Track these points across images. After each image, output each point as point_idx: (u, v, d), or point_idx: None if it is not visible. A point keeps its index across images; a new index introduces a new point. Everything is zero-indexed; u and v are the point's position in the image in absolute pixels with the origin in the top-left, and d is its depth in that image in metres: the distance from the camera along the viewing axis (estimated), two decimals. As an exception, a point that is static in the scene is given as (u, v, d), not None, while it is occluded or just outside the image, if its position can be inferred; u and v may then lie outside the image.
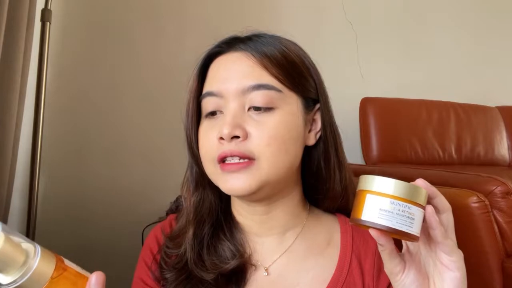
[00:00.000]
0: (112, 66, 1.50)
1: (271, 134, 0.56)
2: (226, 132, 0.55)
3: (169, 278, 0.61)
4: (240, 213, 0.65)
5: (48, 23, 1.24)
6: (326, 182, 0.64)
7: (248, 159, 0.56)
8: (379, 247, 0.50)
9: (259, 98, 0.57)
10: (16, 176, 1.12)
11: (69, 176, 1.42)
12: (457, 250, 0.48)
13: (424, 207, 0.46)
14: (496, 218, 0.99)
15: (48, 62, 1.24)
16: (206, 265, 0.60)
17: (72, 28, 1.43)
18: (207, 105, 0.60)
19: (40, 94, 1.22)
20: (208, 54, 0.64)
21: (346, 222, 0.67)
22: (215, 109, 0.60)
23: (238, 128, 0.56)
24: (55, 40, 1.34)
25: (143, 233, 1.25)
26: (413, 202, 0.45)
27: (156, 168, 1.53)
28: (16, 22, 1.01)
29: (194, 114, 0.63)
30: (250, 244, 0.64)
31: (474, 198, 0.97)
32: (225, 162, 0.57)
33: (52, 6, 1.25)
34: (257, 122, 0.57)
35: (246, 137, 0.56)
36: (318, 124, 0.64)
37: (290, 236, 0.64)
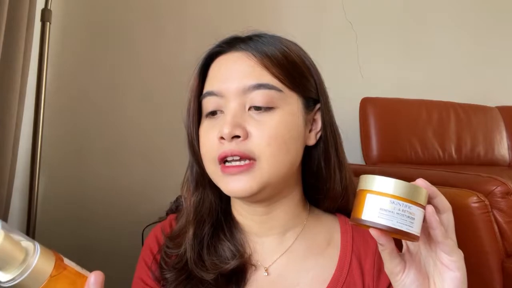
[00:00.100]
0: (112, 66, 1.50)
1: (272, 134, 0.56)
2: (226, 131, 0.55)
3: (169, 278, 0.61)
4: (240, 213, 0.65)
5: (48, 23, 1.24)
6: (326, 182, 0.64)
7: (248, 159, 0.56)
8: (379, 247, 0.50)
9: (260, 98, 0.57)
10: (16, 176, 1.12)
11: (69, 176, 1.42)
12: (457, 250, 0.48)
13: (424, 207, 0.46)
14: (496, 218, 0.99)
15: (48, 62, 1.24)
16: (206, 265, 0.60)
17: (72, 28, 1.43)
18: (208, 104, 0.60)
19: (40, 94, 1.22)
20: (209, 53, 0.64)
21: (346, 222, 0.67)
22: (216, 108, 0.60)
23: (239, 127, 0.56)
24: (55, 40, 1.34)
25: (143, 233, 1.25)
26: (413, 202, 0.45)
27: (156, 168, 1.53)
28: (16, 22, 1.01)
29: (195, 114, 0.63)
30: (250, 244, 0.64)
31: (474, 198, 0.97)
32: (226, 163, 0.57)
33: (52, 6, 1.25)
34: (257, 122, 0.57)
35: (247, 136, 0.56)
36: (319, 124, 0.64)
37: (290, 236, 0.64)
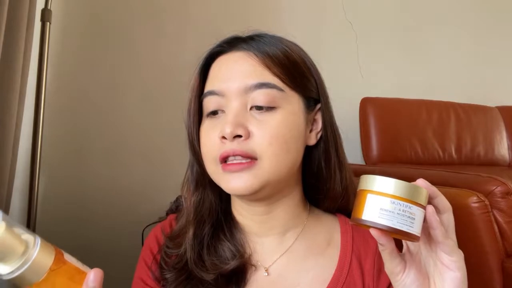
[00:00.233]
0: (112, 66, 1.50)
1: (273, 133, 0.56)
2: (228, 131, 0.55)
3: (169, 278, 0.61)
4: (240, 213, 0.65)
5: (48, 23, 1.24)
6: (326, 182, 0.64)
7: (250, 159, 0.56)
8: (380, 247, 0.50)
9: (261, 97, 0.57)
10: (16, 176, 1.12)
11: (69, 176, 1.42)
12: (457, 250, 0.48)
13: (424, 207, 0.46)
14: (496, 218, 0.99)
15: (48, 62, 1.24)
16: (206, 265, 0.60)
17: (72, 28, 1.43)
18: (209, 104, 0.60)
19: (40, 94, 1.22)
20: (209, 53, 0.64)
21: (346, 222, 0.67)
22: (217, 108, 0.59)
23: (240, 127, 0.56)
24: (55, 40, 1.34)
25: (143, 233, 1.25)
26: (413, 202, 0.45)
27: (156, 168, 1.53)
28: (16, 22, 1.01)
29: (196, 113, 0.63)
30: (250, 244, 0.64)
31: (474, 198, 0.97)
32: (227, 162, 0.57)
33: (52, 6, 1.25)
34: (259, 122, 0.57)
35: (248, 136, 0.56)
36: (319, 124, 0.64)
37: (291, 236, 0.64)
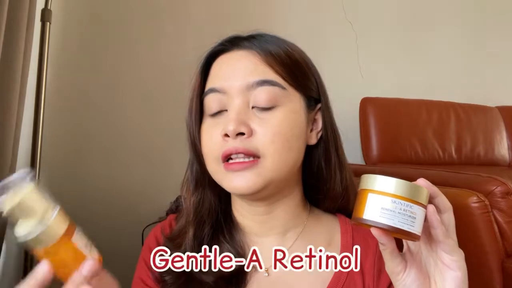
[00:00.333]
0: (112, 66, 1.50)
1: (275, 131, 0.56)
2: (231, 128, 0.55)
3: (168, 280, 0.61)
4: (240, 213, 0.65)
5: (48, 23, 1.24)
6: (326, 182, 0.64)
7: (252, 157, 0.56)
8: (381, 246, 0.50)
9: (263, 95, 0.57)
10: (16, 176, 1.12)
11: (69, 176, 1.42)
12: (458, 250, 0.48)
13: (425, 206, 0.46)
14: (496, 218, 0.99)
15: (48, 62, 1.24)
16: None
17: (72, 28, 1.43)
18: (210, 102, 0.60)
19: (40, 94, 1.22)
20: (211, 52, 0.64)
21: (346, 222, 0.67)
22: (219, 106, 0.59)
23: (243, 125, 0.56)
24: (55, 40, 1.34)
25: (143, 233, 1.25)
26: (414, 201, 0.45)
27: (156, 168, 1.53)
28: (16, 22, 1.01)
29: (197, 112, 0.63)
30: (250, 244, 0.64)
31: (474, 198, 0.97)
32: (229, 161, 0.57)
33: (52, 6, 1.25)
34: (261, 120, 0.57)
35: (251, 134, 0.56)
36: (319, 124, 0.64)
37: (291, 236, 0.64)
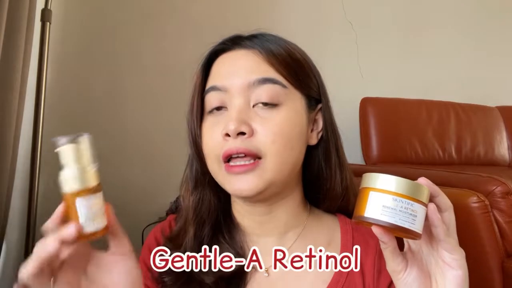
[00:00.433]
0: (112, 66, 1.50)
1: (277, 131, 0.56)
2: (232, 128, 0.55)
3: (167, 281, 0.60)
4: (240, 213, 0.65)
5: (48, 23, 1.24)
6: (327, 182, 0.64)
7: (253, 158, 0.56)
8: (382, 245, 0.50)
9: (265, 93, 0.57)
10: (16, 176, 1.12)
11: (69, 176, 1.42)
12: (459, 249, 0.48)
13: (426, 205, 0.46)
14: (496, 218, 1.00)
15: (48, 62, 1.24)
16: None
17: (72, 28, 1.43)
18: (211, 100, 0.60)
19: (40, 94, 1.22)
20: (212, 51, 0.64)
21: (346, 222, 0.67)
22: (219, 104, 0.59)
23: (244, 124, 0.56)
24: (55, 40, 1.34)
25: (143, 233, 1.25)
26: (415, 200, 0.45)
27: (156, 168, 1.53)
28: (16, 22, 1.01)
29: (198, 111, 0.62)
30: (250, 244, 0.63)
31: (474, 198, 0.97)
32: (230, 161, 0.57)
33: (52, 6, 1.25)
34: (262, 119, 0.57)
35: (252, 133, 0.56)
36: (320, 124, 0.64)
37: (291, 236, 0.64)
